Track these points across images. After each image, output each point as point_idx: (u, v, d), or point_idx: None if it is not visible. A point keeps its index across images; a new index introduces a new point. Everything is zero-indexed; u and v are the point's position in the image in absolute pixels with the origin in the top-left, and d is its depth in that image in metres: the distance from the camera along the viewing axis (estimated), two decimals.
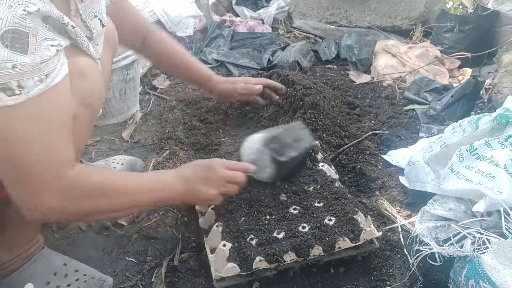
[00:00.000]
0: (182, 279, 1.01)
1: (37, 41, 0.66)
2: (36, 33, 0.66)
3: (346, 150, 1.42)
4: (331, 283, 0.99)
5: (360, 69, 2.10)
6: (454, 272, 0.90)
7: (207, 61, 2.24)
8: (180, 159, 1.43)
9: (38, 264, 0.95)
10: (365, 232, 0.98)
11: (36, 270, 0.94)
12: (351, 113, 1.66)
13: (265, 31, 2.54)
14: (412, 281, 0.98)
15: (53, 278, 0.95)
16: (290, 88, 1.57)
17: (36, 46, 0.66)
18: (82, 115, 0.81)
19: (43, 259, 0.96)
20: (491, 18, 2.08)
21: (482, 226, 0.92)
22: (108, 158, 1.35)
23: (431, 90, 1.79)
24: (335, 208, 1.05)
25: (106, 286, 0.98)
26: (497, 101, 1.68)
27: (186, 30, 2.49)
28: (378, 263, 1.03)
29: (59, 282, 0.95)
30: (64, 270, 0.97)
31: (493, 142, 1.07)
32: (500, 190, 0.96)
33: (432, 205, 1.05)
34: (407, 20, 2.40)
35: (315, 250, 0.95)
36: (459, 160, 1.08)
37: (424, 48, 2.11)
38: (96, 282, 0.97)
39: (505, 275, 0.78)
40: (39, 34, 0.66)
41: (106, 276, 1.00)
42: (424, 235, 0.97)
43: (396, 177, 1.31)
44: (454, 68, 2.04)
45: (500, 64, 1.93)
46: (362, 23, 2.49)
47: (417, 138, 1.51)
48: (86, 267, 1.00)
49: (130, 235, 1.15)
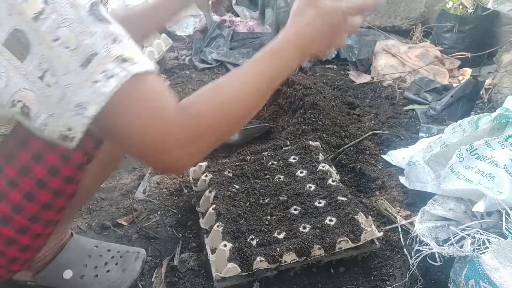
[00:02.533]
0: (182, 279, 1.01)
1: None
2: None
3: (346, 150, 1.42)
4: (331, 283, 0.99)
5: (360, 69, 2.10)
6: (454, 272, 0.90)
7: (207, 61, 2.24)
8: None
9: (71, 250, 0.96)
10: (366, 232, 0.98)
11: (70, 257, 0.95)
12: (351, 113, 1.66)
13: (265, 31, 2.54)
14: (412, 281, 0.98)
15: (89, 261, 0.97)
16: (290, 88, 1.57)
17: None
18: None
19: (75, 245, 0.97)
20: (491, 18, 2.08)
21: (482, 226, 0.92)
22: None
23: (431, 90, 1.79)
24: (336, 209, 1.05)
25: (141, 256, 1.03)
26: (497, 101, 1.68)
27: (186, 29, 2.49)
28: (378, 263, 1.03)
29: (96, 262, 0.98)
30: (97, 251, 0.99)
31: (493, 142, 1.07)
32: (500, 190, 0.96)
33: (432, 205, 1.05)
34: (407, 20, 2.40)
35: (316, 250, 0.95)
36: (459, 160, 1.08)
37: (424, 48, 2.11)
38: (131, 255, 1.02)
39: (505, 275, 0.78)
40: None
41: (139, 248, 1.05)
42: (424, 235, 0.97)
43: (396, 177, 1.31)
44: (454, 68, 2.04)
45: (500, 64, 1.93)
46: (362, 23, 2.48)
47: (417, 138, 1.51)
48: (116, 245, 1.04)
49: (130, 235, 1.15)
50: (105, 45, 0.57)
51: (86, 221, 1.19)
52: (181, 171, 0.95)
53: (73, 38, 0.55)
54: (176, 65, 2.23)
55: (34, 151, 0.70)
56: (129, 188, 1.33)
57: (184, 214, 1.22)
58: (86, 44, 0.55)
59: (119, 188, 1.33)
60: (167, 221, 1.19)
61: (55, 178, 0.71)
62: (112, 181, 1.36)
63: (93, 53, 0.56)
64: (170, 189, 1.31)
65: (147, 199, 1.28)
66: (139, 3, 2.39)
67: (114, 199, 1.29)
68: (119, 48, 0.58)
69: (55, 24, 0.54)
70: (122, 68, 0.57)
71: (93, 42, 0.56)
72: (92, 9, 0.56)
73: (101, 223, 1.18)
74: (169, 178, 1.35)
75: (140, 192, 1.30)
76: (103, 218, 1.20)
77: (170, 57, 2.29)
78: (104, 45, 0.57)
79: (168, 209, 1.24)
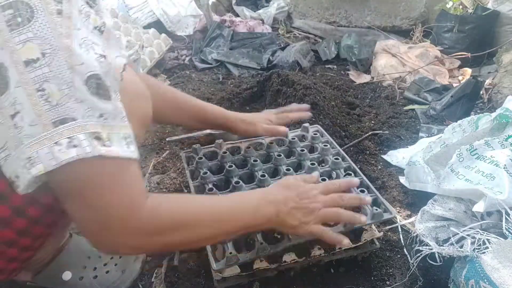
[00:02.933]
0: (182, 279, 1.01)
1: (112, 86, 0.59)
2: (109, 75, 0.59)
3: (346, 150, 1.42)
4: (331, 283, 0.99)
5: (360, 69, 2.10)
6: (454, 272, 0.90)
7: (207, 61, 2.24)
8: (180, 159, 1.43)
9: (70, 252, 0.96)
10: (366, 232, 0.98)
11: (69, 258, 0.95)
12: (351, 113, 1.66)
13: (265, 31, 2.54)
14: (412, 281, 0.98)
15: (88, 262, 0.97)
16: (290, 88, 1.57)
17: (113, 91, 0.60)
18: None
19: (74, 246, 0.97)
20: (491, 18, 2.08)
21: (482, 226, 0.92)
22: None
23: (431, 90, 1.79)
24: None
25: (141, 257, 1.03)
26: (497, 101, 1.68)
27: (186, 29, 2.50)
28: (378, 263, 1.03)
29: (95, 263, 0.97)
30: (96, 253, 0.98)
31: (493, 142, 1.07)
32: (500, 190, 0.96)
33: (432, 205, 1.05)
34: (407, 20, 2.41)
35: (316, 250, 0.95)
36: (459, 160, 1.08)
37: (424, 48, 2.11)
38: (131, 256, 1.01)
39: (505, 275, 0.78)
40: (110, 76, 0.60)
41: None
42: (424, 235, 0.97)
43: (396, 177, 1.31)
44: (454, 68, 2.04)
45: (500, 64, 1.93)
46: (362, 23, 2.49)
47: (417, 138, 1.51)
48: None
49: None
50: (87, 117, 0.56)
51: None
52: (118, 254, 0.99)
53: (57, 96, 0.54)
54: (176, 65, 2.23)
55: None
56: None
57: None
58: (68, 106, 0.54)
59: None
60: None
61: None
62: None
63: (71, 118, 0.55)
64: (170, 189, 1.31)
65: None
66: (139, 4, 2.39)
67: None
68: (100, 126, 0.57)
69: (44, 77, 0.53)
70: (90, 144, 0.56)
71: (76, 108, 0.55)
72: (89, 81, 0.56)
73: None
74: (169, 178, 1.35)
75: None
76: None
77: (170, 57, 2.29)
78: (85, 116, 0.55)
79: None
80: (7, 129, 0.55)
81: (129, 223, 0.63)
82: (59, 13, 0.54)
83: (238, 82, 2.01)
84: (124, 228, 0.63)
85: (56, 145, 0.54)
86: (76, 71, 0.55)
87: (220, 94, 1.83)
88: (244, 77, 2.09)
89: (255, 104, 1.72)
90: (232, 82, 2.03)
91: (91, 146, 0.55)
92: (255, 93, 1.73)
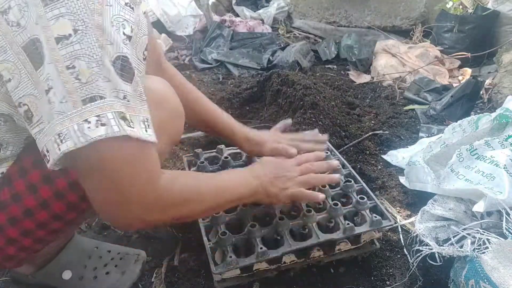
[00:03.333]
0: (182, 279, 1.01)
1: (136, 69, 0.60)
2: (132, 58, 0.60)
3: (346, 150, 1.42)
4: (331, 283, 0.99)
5: (360, 69, 2.10)
6: (454, 272, 0.90)
7: (207, 61, 2.24)
8: (180, 159, 1.43)
9: (72, 251, 0.96)
10: (365, 233, 0.98)
11: (71, 257, 0.96)
12: (351, 113, 1.66)
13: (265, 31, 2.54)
14: (412, 281, 0.98)
15: (89, 262, 0.97)
16: (290, 88, 1.57)
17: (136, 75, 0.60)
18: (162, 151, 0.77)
19: (76, 245, 0.97)
20: (491, 18, 2.08)
21: (482, 226, 0.92)
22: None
23: (431, 90, 1.79)
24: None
25: (141, 258, 1.02)
26: (497, 101, 1.68)
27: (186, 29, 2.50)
28: (378, 263, 1.03)
29: (96, 264, 0.98)
30: (97, 253, 0.99)
31: (493, 142, 1.07)
32: (500, 190, 0.96)
33: (432, 205, 1.05)
34: (407, 20, 2.41)
35: (315, 251, 0.95)
36: (459, 160, 1.08)
37: (424, 48, 2.11)
38: (131, 257, 1.01)
39: (505, 275, 0.78)
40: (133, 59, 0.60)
41: (139, 250, 1.04)
42: (424, 235, 0.97)
43: (396, 177, 1.31)
44: (454, 68, 2.04)
45: (500, 64, 1.93)
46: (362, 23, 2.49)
47: (417, 138, 1.51)
48: (117, 246, 1.03)
49: (130, 235, 1.15)
50: (114, 96, 0.56)
51: (86, 221, 1.19)
52: (131, 229, 1.07)
53: (87, 74, 0.54)
54: (176, 65, 2.22)
55: (45, 172, 0.71)
56: None
57: None
58: (97, 85, 0.55)
59: None
60: None
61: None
62: None
63: (100, 96, 0.55)
64: None
65: None
66: None
67: None
68: (124, 107, 0.57)
69: (75, 54, 0.54)
70: (118, 123, 0.56)
71: (105, 87, 0.56)
72: (116, 62, 0.56)
73: (101, 223, 1.18)
74: None
75: None
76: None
77: (170, 57, 2.29)
78: (112, 96, 0.56)
79: None
80: (42, 103, 0.56)
81: (148, 197, 0.65)
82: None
83: (238, 82, 2.01)
84: (142, 202, 0.64)
85: (86, 123, 0.55)
86: (106, 50, 0.55)
87: (220, 94, 1.82)
88: (244, 77, 2.09)
89: (255, 104, 1.72)
90: (232, 82, 2.03)
91: (118, 126, 0.56)
92: (255, 93, 1.73)
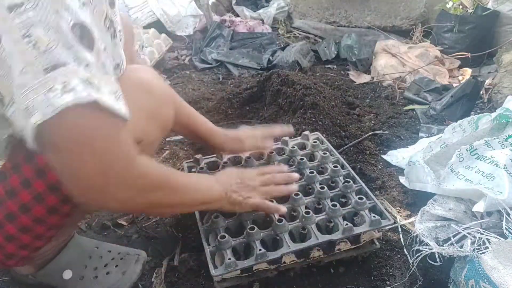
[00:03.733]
0: (182, 279, 1.01)
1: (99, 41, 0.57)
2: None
3: (346, 150, 1.42)
4: (331, 283, 0.99)
5: (360, 69, 2.10)
6: (454, 272, 0.90)
7: (207, 61, 2.24)
8: (180, 159, 1.43)
9: (72, 251, 0.96)
10: (365, 233, 0.98)
11: (71, 257, 0.96)
12: (351, 113, 1.66)
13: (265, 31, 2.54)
14: (412, 281, 0.98)
15: (89, 261, 0.97)
16: (290, 88, 1.57)
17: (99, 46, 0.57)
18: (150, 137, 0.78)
19: (76, 245, 0.97)
20: (491, 18, 2.08)
21: (482, 226, 0.92)
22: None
23: (431, 90, 1.79)
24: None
25: (141, 259, 1.02)
26: (497, 101, 1.68)
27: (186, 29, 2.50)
28: (378, 263, 1.03)
29: (96, 263, 0.98)
30: (98, 252, 0.99)
31: (493, 142, 1.07)
32: (500, 190, 0.96)
33: (432, 205, 1.05)
34: (407, 20, 2.41)
35: (315, 252, 0.95)
36: (459, 160, 1.08)
37: (424, 48, 2.11)
38: (132, 258, 1.01)
39: (505, 275, 0.78)
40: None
41: (140, 250, 1.04)
42: (424, 235, 0.97)
43: (396, 177, 1.31)
44: (454, 68, 2.04)
45: (500, 64, 1.93)
46: (362, 23, 2.49)
47: (417, 138, 1.51)
48: (117, 246, 1.03)
49: (130, 235, 1.15)
50: (76, 63, 0.53)
51: (86, 221, 1.19)
52: (103, 208, 1.07)
53: (45, 41, 0.51)
54: (176, 65, 2.23)
55: (38, 166, 0.71)
56: None
57: (184, 214, 1.21)
58: (57, 52, 0.52)
59: None
60: (167, 221, 1.19)
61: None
62: None
63: (62, 63, 0.52)
64: None
65: None
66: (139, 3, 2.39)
67: None
68: (88, 73, 0.54)
69: (30, 21, 0.51)
70: (85, 88, 0.53)
71: (66, 54, 0.52)
72: (74, 28, 0.53)
73: (101, 223, 1.18)
74: None
75: None
76: (103, 218, 1.20)
77: (170, 57, 2.29)
78: (75, 62, 0.53)
79: None
80: (8, 80, 0.54)
81: (126, 175, 0.63)
82: None
83: (238, 82, 2.01)
84: (120, 180, 0.62)
85: (51, 92, 0.52)
86: (62, 15, 0.52)
87: (220, 94, 1.82)
88: (244, 77, 2.09)
89: (255, 104, 1.72)
90: (232, 82, 2.03)
91: (86, 91, 0.53)
92: (255, 93, 1.73)
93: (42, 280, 0.95)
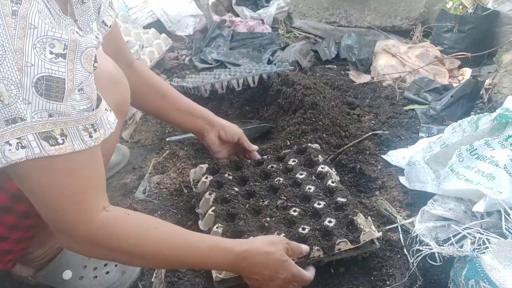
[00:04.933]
0: (182, 279, 1.01)
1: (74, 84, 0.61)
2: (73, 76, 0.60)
3: (346, 150, 1.42)
4: (331, 283, 0.99)
5: (360, 69, 2.10)
6: (454, 272, 0.90)
7: (207, 61, 2.24)
8: (180, 159, 1.43)
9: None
10: (365, 233, 0.98)
11: (70, 257, 0.96)
12: (351, 113, 1.66)
13: (265, 31, 2.54)
14: (412, 281, 0.98)
15: (89, 261, 0.98)
16: (290, 88, 1.57)
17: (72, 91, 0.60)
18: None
19: None
20: (491, 18, 2.08)
21: (482, 226, 0.92)
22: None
23: (431, 90, 1.79)
24: (335, 210, 1.05)
25: None
26: (497, 101, 1.68)
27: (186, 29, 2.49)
28: (378, 263, 1.03)
29: (96, 264, 0.98)
30: None
31: (493, 142, 1.07)
32: (500, 190, 0.96)
33: (432, 205, 1.05)
34: (407, 20, 2.40)
35: (315, 251, 0.95)
36: (459, 160, 1.08)
37: (424, 48, 2.10)
38: None
39: (505, 275, 0.78)
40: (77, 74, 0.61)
41: None
42: (424, 235, 0.97)
43: (396, 177, 1.31)
44: (454, 68, 2.04)
45: (500, 64, 1.93)
46: (362, 23, 2.49)
47: (417, 138, 1.51)
48: None
49: None
50: (36, 117, 0.57)
51: None
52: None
53: (6, 96, 0.56)
54: (176, 65, 2.23)
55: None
56: (129, 188, 1.33)
57: (184, 214, 1.22)
58: (17, 107, 0.56)
59: (119, 188, 1.33)
60: (167, 221, 1.19)
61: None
62: (112, 181, 1.36)
63: (20, 118, 0.56)
64: (170, 189, 1.31)
65: (147, 199, 1.28)
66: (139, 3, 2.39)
67: (114, 199, 1.28)
68: (52, 124, 0.58)
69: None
70: (39, 144, 0.58)
71: (25, 109, 0.56)
72: (38, 84, 0.57)
73: None
74: (169, 178, 1.35)
75: (140, 192, 1.30)
76: None
77: (170, 57, 2.29)
78: (34, 116, 0.57)
79: (168, 209, 1.24)
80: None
81: (77, 230, 0.66)
82: (14, 14, 0.55)
83: None
84: (72, 234, 0.66)
85: (7, 145, 0.57)
86: (25, 72, 0.56)
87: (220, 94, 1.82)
88: None
89: (255, 104, 1.72)
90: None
91: (39, 147, 0.58)
92: (255, 93, 1.73)
93: (42, 281, 0.95)
